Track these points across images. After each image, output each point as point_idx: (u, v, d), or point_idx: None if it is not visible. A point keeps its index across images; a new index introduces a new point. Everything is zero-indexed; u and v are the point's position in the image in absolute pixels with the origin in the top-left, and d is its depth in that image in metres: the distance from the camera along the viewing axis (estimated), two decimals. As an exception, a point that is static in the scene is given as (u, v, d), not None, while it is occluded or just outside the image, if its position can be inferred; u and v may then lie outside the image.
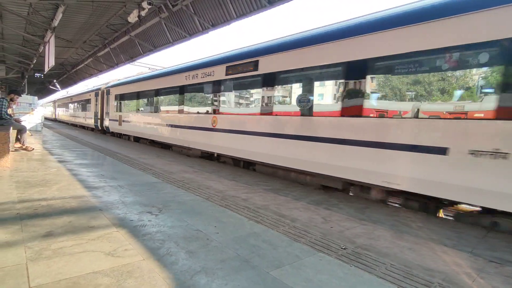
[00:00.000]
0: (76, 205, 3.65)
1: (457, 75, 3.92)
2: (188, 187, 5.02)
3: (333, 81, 5.28)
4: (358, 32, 4.76)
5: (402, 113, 4.32)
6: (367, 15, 5.06)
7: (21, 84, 26.40)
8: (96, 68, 20.35)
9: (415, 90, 4.26)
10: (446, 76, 3.95)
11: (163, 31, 12.11)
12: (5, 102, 7.32)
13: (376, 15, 4.86)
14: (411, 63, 4.16)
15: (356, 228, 3.56)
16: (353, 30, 4.87)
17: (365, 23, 4.81)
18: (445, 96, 4.00)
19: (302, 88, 5.75)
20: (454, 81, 3.92)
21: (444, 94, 4.00)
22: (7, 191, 4.01)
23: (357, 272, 2.43)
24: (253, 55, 6.67)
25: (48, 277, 2.02)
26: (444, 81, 3.96)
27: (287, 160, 5.81)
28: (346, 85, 4.86)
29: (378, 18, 4.70)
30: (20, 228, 2.82)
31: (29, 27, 12.32)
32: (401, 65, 4.29)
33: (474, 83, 3.78)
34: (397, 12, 4.49)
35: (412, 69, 4.19)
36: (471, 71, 3.81)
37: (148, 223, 3.18)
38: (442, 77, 3.97)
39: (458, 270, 2.60)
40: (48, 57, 11.47)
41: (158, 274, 2.16)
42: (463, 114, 3.79)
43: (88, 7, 10.15)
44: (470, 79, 3.83)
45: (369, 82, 4.62)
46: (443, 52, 3.87)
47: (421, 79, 4.16)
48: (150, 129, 11.32)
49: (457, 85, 3.90)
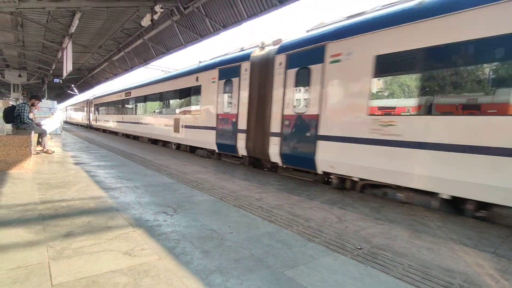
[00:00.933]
0: (94, 205, 3.75)
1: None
2: (202, 187, 5.07)
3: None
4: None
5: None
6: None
7: (41, 90, 27.42)
8: (111, 72, 20.86)
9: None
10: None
11: (175, 34, 12.26)
12: (26, 107, 7.62)
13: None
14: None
15: (372, 227, 3.49)
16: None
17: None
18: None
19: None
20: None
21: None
22: (30, 193, 4.17)
23: (373, 273, 2.38)
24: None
25: (69, 275, 2.09)
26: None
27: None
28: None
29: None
30: (43, 228, 2.93)
31: (48, 34, 12.76)
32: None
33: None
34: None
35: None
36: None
37: (163, 223, 3.23)
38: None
39: (480, 271, 2.51)
40: (66, 62, 11.85)
41: (174, 274, 2.19)
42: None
43: (103, 13, 10.41)
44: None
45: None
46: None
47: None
48: (106, 123, 21.30)
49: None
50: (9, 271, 2.09)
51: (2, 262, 2.20)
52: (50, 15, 10.54)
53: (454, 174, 3.91)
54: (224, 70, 8.36)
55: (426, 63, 4.32)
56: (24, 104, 7.66)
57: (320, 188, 5.52)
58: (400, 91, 4.88)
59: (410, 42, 4.37)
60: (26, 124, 7.47)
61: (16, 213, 3.31)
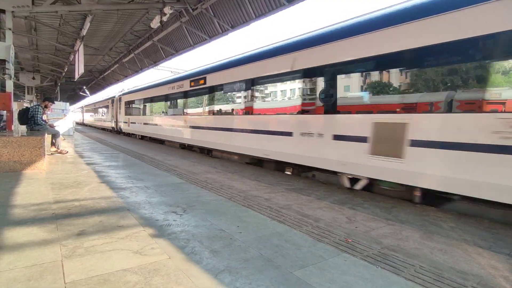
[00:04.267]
0: (105, 205, 3.82)
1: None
2: (211, 187, 5.10)
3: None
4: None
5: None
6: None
7: (54, 92, 28.06)
8: (121, 74, 21.18)
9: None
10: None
11: (184, 35, 12.37)
12: (40, 109, 7.80)
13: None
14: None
15: (383, 228, 3.45)
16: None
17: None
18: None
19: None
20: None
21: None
22: (44, 192, 4.28)
23: (384, 274, 2.35)
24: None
25: (82, 273, 2.13)
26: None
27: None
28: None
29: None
30: (56, 227, 2.99)
31: (60, 37, 13.06)
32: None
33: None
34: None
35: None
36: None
37: (173, 223, 3.26)
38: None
39: (494, 273, 2.44)
40: (78, 65, 12.09)
41: (184, 273, 2.21)
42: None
43: (113, 16, 10.60)
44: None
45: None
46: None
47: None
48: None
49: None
50: (24, 268, 2.15)
51: (18, 260, 2.26)
52: (62, 19, 10.79)
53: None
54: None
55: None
56: (37, 106, 7.85)
57: (330, 188, 5.48)
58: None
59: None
60: (40, 125, 7.65)
61: (31, 212, 3.40)
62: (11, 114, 7.38)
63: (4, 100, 7.04)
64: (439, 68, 4.38)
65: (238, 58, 8.83)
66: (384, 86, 5.07)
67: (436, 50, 4.25)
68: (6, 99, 7.05)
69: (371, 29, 5.06)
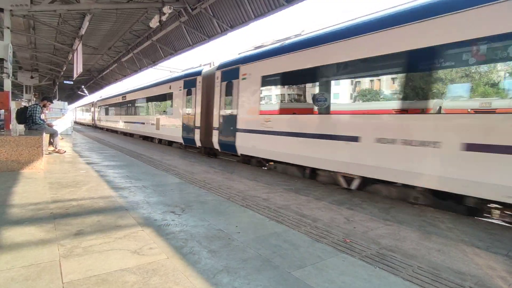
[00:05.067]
0: (104, 205, 3.81)
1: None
2: (209, 187, 5.09)
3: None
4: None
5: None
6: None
7: (53, 91, 27.98)
8: (120, 73, 21.13)
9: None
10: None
11: (183, 35, 12.36)
12: (38, 108, 7.78)
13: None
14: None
15: (381, 228, 3.45)
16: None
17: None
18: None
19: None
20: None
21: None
22: (41, 192, 4.26)
23: (382, 274, 2.36)
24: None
25: (79, 273, 2.12)
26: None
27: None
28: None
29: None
30: (54, 226, 2.98)
31: (59, 36, 13.02)
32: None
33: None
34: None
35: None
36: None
37: (171, 223, 3.26)
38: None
39: (492, 274, 2.45)
40: (77, 64, 12.06)
41: (182, 273, 2.21)
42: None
43: (112, 15, 10.56)
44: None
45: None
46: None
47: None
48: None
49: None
50: (22, 268, 2.14)
51: (15, 260, 2.25)
52: (61, 18, 10.75)
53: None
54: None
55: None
56: (36, 105, 7.82)
57: (328, 188, 5.49)
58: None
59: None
60: (38, 124, 7.62)
61: (29, 212, 3.38)
62: (9, 113, 7.37)
63: (2, 99, 7.02)
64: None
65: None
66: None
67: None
68: (4, 98, 7.03)
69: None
